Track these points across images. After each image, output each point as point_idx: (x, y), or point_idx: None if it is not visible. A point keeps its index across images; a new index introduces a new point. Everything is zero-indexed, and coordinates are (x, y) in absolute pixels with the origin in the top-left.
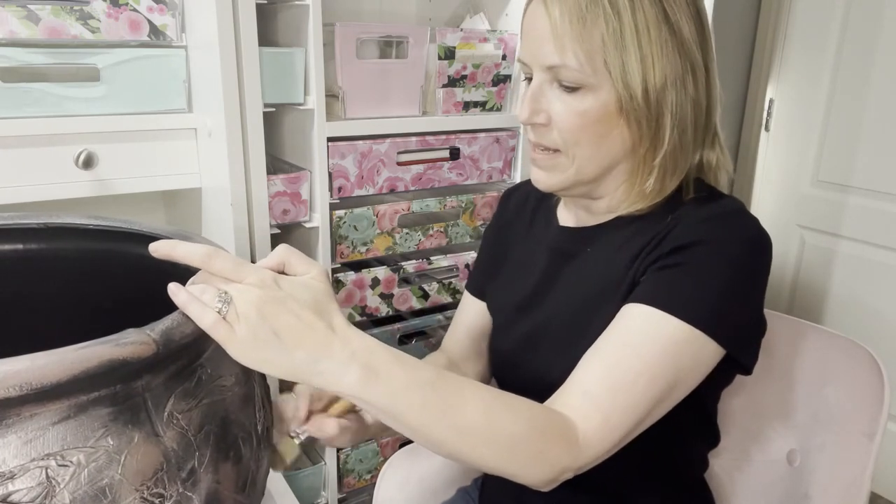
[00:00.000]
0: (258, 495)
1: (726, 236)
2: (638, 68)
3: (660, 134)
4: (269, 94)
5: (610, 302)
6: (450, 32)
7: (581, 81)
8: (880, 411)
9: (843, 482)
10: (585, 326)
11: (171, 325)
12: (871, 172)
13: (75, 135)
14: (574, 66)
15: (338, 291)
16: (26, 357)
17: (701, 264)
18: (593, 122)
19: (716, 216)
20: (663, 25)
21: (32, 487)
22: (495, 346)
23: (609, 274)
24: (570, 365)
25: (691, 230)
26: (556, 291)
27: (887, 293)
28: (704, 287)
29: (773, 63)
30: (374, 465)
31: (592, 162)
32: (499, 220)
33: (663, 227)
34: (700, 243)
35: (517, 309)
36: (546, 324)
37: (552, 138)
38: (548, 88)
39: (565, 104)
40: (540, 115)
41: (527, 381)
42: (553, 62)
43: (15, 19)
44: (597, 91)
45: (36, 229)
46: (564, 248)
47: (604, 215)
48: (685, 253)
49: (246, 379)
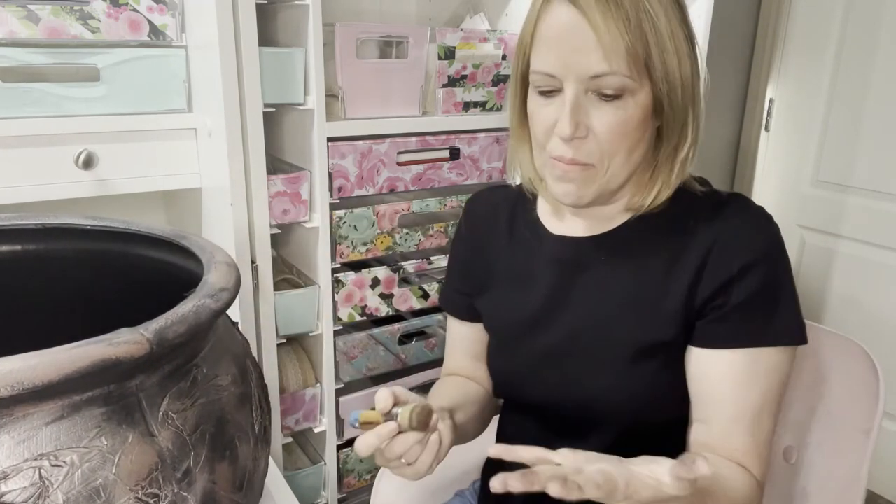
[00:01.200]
0: (256, 495)
1: (771, 246)
2: (677, 66)
3: (685, 129)
4: (269, 94)
5: (650, 309)
6: (450, 32)
7: (626, 87)
8: (876, 407)
9: (841, 478)
10: (620, 336)
11: (164, 324)
12: (871, 172)
13: (75, 135)
14: (625, 72)
15: (338, 291)
16: (18, 357)
17: (770, 284)
18: (633, 129)
19: (750, 222)
20: (685, 27)
21: (26, 488)
22: (501, 367)
23: (641, 281)
24: (607, 377)
25: (741, 248)
26: (575, 304)
27: (887, 293)
28: (783, 305)
29: (773, 63)
30: (373, 465)
31: (624, 169)
32: (468, 232)
33: (696, 238)
34: (757, 263)
35: (526, 326)
36: (571, 338)
37: (590, 150)
38: (584, 100)
39: (607, 114)
40: (581, 129)
41: (551, 398)
42: (600, 70)
43: (15, 19)
44: (636, 95)
45: (34, 230)
46: (573, 259)
47: (610, 221)
48: (750, 278)
49: (243, 379)
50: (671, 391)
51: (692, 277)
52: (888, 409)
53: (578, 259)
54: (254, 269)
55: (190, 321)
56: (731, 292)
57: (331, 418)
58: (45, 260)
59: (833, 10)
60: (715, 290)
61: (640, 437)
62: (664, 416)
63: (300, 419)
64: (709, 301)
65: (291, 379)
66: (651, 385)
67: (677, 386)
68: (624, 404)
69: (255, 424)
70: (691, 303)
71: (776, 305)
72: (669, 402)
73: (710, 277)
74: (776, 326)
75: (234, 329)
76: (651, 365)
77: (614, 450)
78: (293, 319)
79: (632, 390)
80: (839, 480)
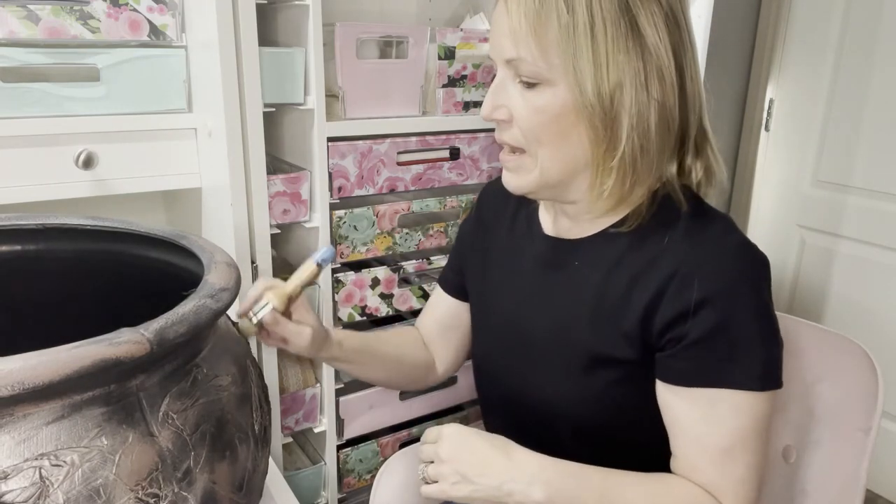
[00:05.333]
0: (255, 495)
1: (736, 282)
2: (590, 66)
3: (616, 135)
4: (269, 94)
5: (607, 322)
6: (450, 32)
7: (538, 76)
8: (875, 407)
9: (840, 477)
10: (578, 342)
11: (165, 324)
12: (871, 172)
13: (75, 135)
14: (529, 59)
15: (338, 291)
16: (19, 357)
17: (729, 323)
18: (551, 119)
19: (720, 252)
20: (622, 24)
21: (26, 487)
22: (478, 352)
23: (604, 292)
24: (561, 380)
25: (701, 280)
26: (544, 304)
27: (887, 293)
28: (742, 348)
29: (773, 63)
30: (373, 466)
31: (555, 163)
32: (477, 218)
33: (664, 258)
34: (716, 299)
35: (505, 318)
36: (532, 337)
37: (514, 135)
38: (509, 84)
39: (524, 99)
40: (501, 111)
41: (515, 394)
42: (510, 55)
43: (15, 19)
44: (554, 87)
45: (33, 230)
46: (551, 258)
47: (587, 225)
48: (706, 314)
49: (243, 379)
50: (630, 408)
51: (650, 301)
52: (887, 408)
53: (556, 260)
54: (254, 269)
55: (190, 321)
56: (687, 326)
57: (331, 418)
58: (45, 260)
59: (833, 10)
60: (670, 320)
61: (610, 449)
62: (631, 432)
63: (300, 419)
64: (665, 330)
65: (291, 379)
66: (602, 395)
67: (638, 405)
68: (574, 409)
69: (255, 424)
70: (648, 327)
71: (737, 346)
72: (630, 418)
73: (668, 306)
74: (735, 369)
75: (235, 329)
76: (604, 376)
77: (576, 456)
78: None
79: (583, 396)
80: (838, 480)
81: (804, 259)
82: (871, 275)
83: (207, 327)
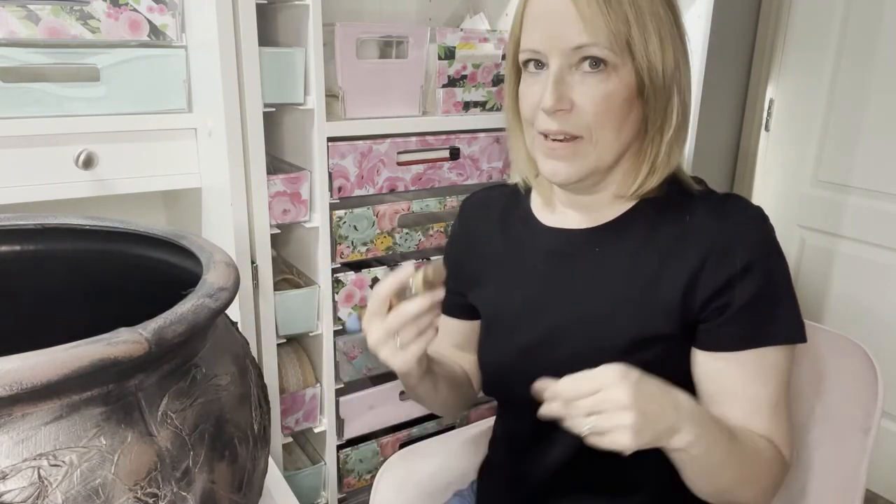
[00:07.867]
0: (255, 495)
1: (770, 245)
2: (658, 47)
3: (669, 112)
4: (269, 94)
5: (645, 301)
6: (450, 32)
7: (608, 59)
8: (875, 407)
9: (840, 476)
10: (613, 329)
11: (163, 323)
12: (871, 172)
13: (75, 135)
14: (605, 43)
15: (338, 291)
16: (17, 356)
17: (772, 283)
18: (618, 105)
19: (749, 223)
20: (669, 11)
21: (24, 487)
22: (491, 359)
23: (635, 273)
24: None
25: (742, 248)
26: (563, 295)
27: (887, 293)
28: (784, 304)
29: (773, 63)
30: (373, 465)
31: (613, 146)
32: (459, 231)
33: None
34: (758, 263)
35: (516, 318)
36: (561, 331)
37: (575, 123)
38: (567, 73)
39: (590, 87)
40: (564, 102)
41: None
42: (581, 41)
43: (15, 19)
44: (619, 71)
45: (32, 230)
46: (565, 250)
47: (601, 212)
48: (752, 278)
49: (242, 378)
50: None
51: (690, 274)
52: (887, 408)
53: (571, 251)
54: (254, 269)
55: (189, 321)
56: (734, 293)
57: (331, 418)
58: (45, 260)
59: (833, 10)
60: (716, 290)
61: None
62: None
63: (300, 419)
64: (710, 301)
65: (291, 379)
66: None
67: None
68: None
69: (254, 424)
70: (690, 301)
71: (779, 304)
72: None
73: (711, 276)
74: (780, 325)
75: (234, 329)
76: (644, 358)
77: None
78: (293, 319)
79: None
80: (838, 479)
81: (804, 259)
82: (871, 275)
83: (206, 327)
